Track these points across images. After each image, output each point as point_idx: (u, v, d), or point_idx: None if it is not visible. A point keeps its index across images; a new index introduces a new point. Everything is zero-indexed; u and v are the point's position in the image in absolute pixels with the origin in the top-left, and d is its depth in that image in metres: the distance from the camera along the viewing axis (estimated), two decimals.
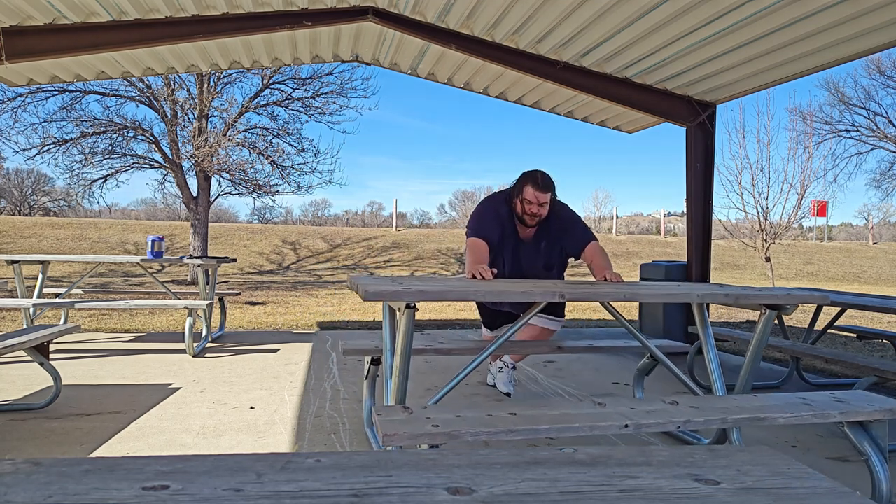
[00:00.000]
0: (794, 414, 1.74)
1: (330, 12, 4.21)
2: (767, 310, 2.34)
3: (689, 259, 4.82)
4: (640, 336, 2.56)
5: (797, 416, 1.74)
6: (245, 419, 2.89)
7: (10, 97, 9.52)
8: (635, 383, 3.12)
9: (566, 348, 2.93)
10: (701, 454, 0.53)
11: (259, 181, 11.24)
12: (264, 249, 16.66)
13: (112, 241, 16.06)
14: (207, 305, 4.57)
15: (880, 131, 22.22)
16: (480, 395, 3.42)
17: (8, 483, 0.43)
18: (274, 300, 8.45)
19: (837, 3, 3.16)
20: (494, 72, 4.97)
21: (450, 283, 2.09)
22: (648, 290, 2.18)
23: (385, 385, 2.11)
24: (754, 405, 1.82)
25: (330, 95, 10.98)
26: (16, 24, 3.86)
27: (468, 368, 2.12)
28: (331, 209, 45.74)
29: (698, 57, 4.06)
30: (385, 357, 2.13)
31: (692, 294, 2.18)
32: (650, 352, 2.61)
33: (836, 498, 0.44)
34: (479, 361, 2.15)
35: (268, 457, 0.49)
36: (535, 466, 0.49)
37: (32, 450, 2.42)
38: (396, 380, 1.97)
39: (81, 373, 3.75)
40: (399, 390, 1.98)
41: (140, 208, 37.36)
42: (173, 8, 3.96)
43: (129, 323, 5.85)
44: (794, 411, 1.76)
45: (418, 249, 17.49)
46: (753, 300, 2.21)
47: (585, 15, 3.76)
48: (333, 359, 4.36)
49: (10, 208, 29.79)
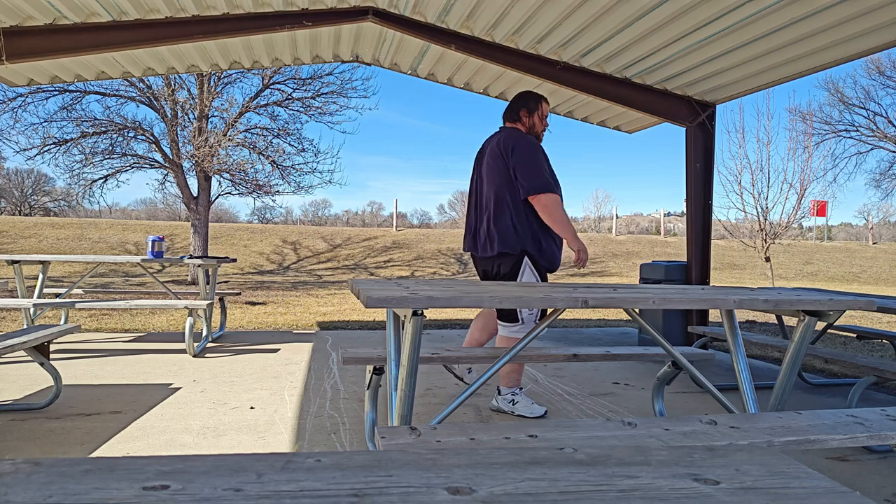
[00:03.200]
0: (848, 435, 1.58)
1: (330, 12, 4.21)
2: (808, 317, 2.12)
3: (689, 259, 4.82)
4: (665, 344, 2.30)
5: (851, 438, 1.57)
6: (245, 419, 2.89)
7: (11, 97, 9.54)
8: (655, 394, 2.90)
9: (582, 356, 2.71)
10: (700, 454, 0.53)
11: (259, 181, 11.25)
12: (264, 249, 16.66)
13: (112, 241, 16.06)
14: (208, 305, 4.57)
15: (880, 131, 22.22)
16: (481, 395, 3.42)
17: (8, 483, 0.43)
18: (274, 300, 8.45)
19: (837, 3, 3.16)
20: (494, 72, 4.97)
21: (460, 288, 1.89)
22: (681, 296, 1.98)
23: (389, 398, 1.94)
24: (801, 425, 1.66)
25: (330, 96, 11.00)
26: (16, 25, 3.87)
27: (478, 382, 1.97)
28: (331, 209, 45.79)
29: (698, 57, 4.06)
30: (389, 367, 1.95)
31: (728, 300, 1.96)
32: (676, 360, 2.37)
33: (835, 497, 0.44)
34: (490, 374, 2.00)
35: (268, 457, 0.49)
36: (535, 466, 0.49)
37: (33, 450, 2.42)
38: (402, 394, 1.79)
39: (82, 373, 3.75)
40: (405, 406, 1.80)
41: (140, 208, 37.41)
42: (174, 8, 3.96)
43: (130, 323, 5.85)
44: (847, 432, 1.60)
45: (418, 249, 17.49)
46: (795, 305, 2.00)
47: (585, 15, 3.76)
48: (334, 358, 4.36)
49: (10, 208, 29.80)
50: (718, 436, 1.59)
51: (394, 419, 1.87)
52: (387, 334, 2.00)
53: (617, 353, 2.75)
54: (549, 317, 2.19)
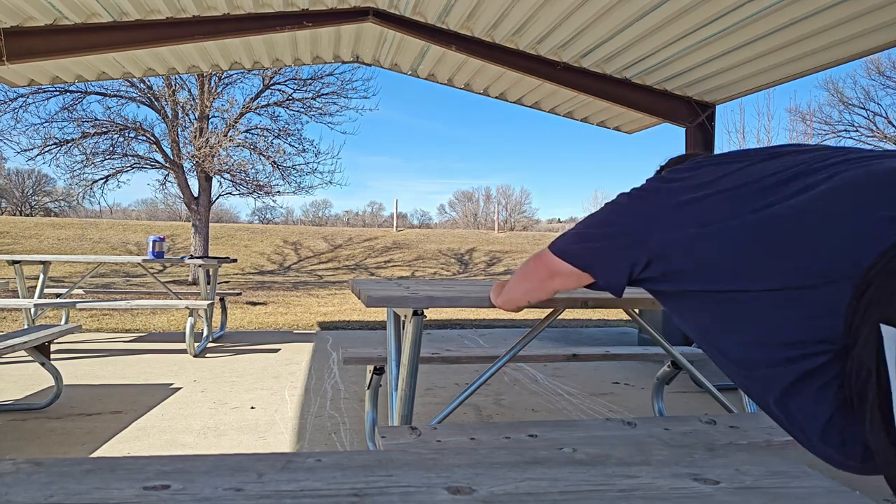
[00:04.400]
0: None
1: (330, 13, 4.21)
2: None
3: None
4: (665, 344, 2.30)
5: None
6: (246, 419, 2.89)
7: (12, 98, 9.55)
8: (655, 394, 2.89)
9: (582, 356, 2.70)
10: (700, 454, 0.53)
11: (260, 181, 11.27)
12: (265, 250, 16.67)
13: (113, 242, 16.07)
14: (208, 305, 4.57)
15: (880, 131, 22.21)
16: (480, 394, 3.42)
17: (9, 483, 0.43)
18: (275, 300, 8.45)
19: (837, 4, 3.16)
20: (495, 73, 4.97)
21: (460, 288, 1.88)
22: None
23: (390, 398, 1.94)
24: None
25: (330, 96, 11.02)
26: (17, 25, 3.87)
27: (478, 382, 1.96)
28: (331, 209, 45.86)
29: (698, 57, 4.06)
30: (389, 367, 1.96)
31: None
32: (675, 360, 2.37)
33: (834, 497, 0.45)
34: (489, 374, 1.99)
35: (269, 456, 0.50)
36: (535, 466, 0.49)
37: (33, 449, 2.42)
38: (403, 394, 1.79)
39: (82, 373, 3.75)
40: (405, 406, 1.80)
41: (141, 208, 37.47)
42: (174, 9, 3.96)
43: (131, 323, 5.85)
44: None
45: (419, 250, 17.50)
46: None
47: (585, 16, 3.76)
48: (334, 359, 4.37)
49: (11, 209, 29.83)
50: (718, 435, 1.58)
51: (394, 419, 1.87)
52: (387, 334, 1.99)
53: (616, 353, 2.75)
54: (549, 317, 2.19)
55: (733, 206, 0.94)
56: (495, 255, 17.14)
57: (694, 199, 0.99)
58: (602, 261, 1.11)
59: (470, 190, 59.95)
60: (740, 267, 0.91)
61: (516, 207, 40.17)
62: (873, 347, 0.74)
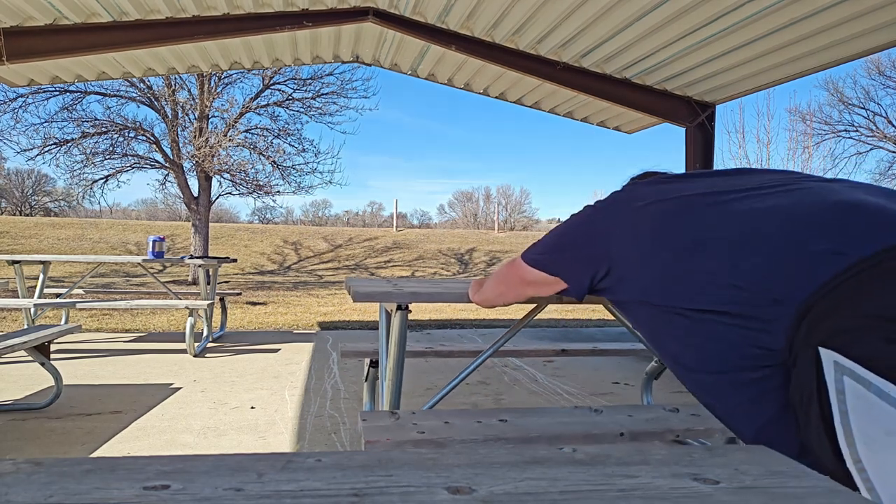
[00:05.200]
0: None
1: (330, 13, 4.21)
2: None
3: None
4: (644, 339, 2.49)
5: None
6: (246, 419, 2.89)
7: (11, 98, 9.55)
8: (644, 388, 2.99)
9: (570, 351, 2.84)
10: (699, 454, 0.53)
11: (260, 181, 11.26)
12: (265, 249, 16.67)
13: (113, 242, 16.08)
14: (208, 305, 4.57)
15: (880, 131, 22.21)
16: (480, 394, 3.42)
17: (9, 483, 0.43)
18: (275, 300, 8.46)
19: (837, 3, 3.16)
20: (494, 72, 4.97)
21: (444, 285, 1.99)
22: None
23: (380, 389, 2.06)
24: None
25: (330, 96, 11.01)
26: (16, 25, 3.87)
27: (464, 373, 2.09)
28: (331, 209, 45.84)
29: (698, 57, 4.06)
30: (381, 359, 2.07)
31: None
32: None
33: (834, 497, 0.45)
34: (475, 365, 2.11)
35: (269, 456, 0.50)
36: (535, 466, 0.49)
37: (33, 449, 2.42)
38: (390, 383, 1.91)
39: (82, 373, 3.75)
40: (393, 393, 1.92)
41: (141, 208, 37.47)
42: (174, 9, 3.96)
43: (130, 323, 5.85)
44: None
45: (419, 250, 17.50)
46: None
47: (585, 16, 3.76)
48: (334, 358, 4.37)
49: (11, 209, 29.83)
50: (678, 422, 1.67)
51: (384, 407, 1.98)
52: (379, 329, 2.10)
53: (604, 349, 2.87)
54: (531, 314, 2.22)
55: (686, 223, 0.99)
56: (495, 255, 17.15)
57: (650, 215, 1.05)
58: (569, 268, 1.19)
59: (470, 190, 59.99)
60: (687, 285, 0.95)
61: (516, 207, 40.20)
62: (813, 370, 0.77)
